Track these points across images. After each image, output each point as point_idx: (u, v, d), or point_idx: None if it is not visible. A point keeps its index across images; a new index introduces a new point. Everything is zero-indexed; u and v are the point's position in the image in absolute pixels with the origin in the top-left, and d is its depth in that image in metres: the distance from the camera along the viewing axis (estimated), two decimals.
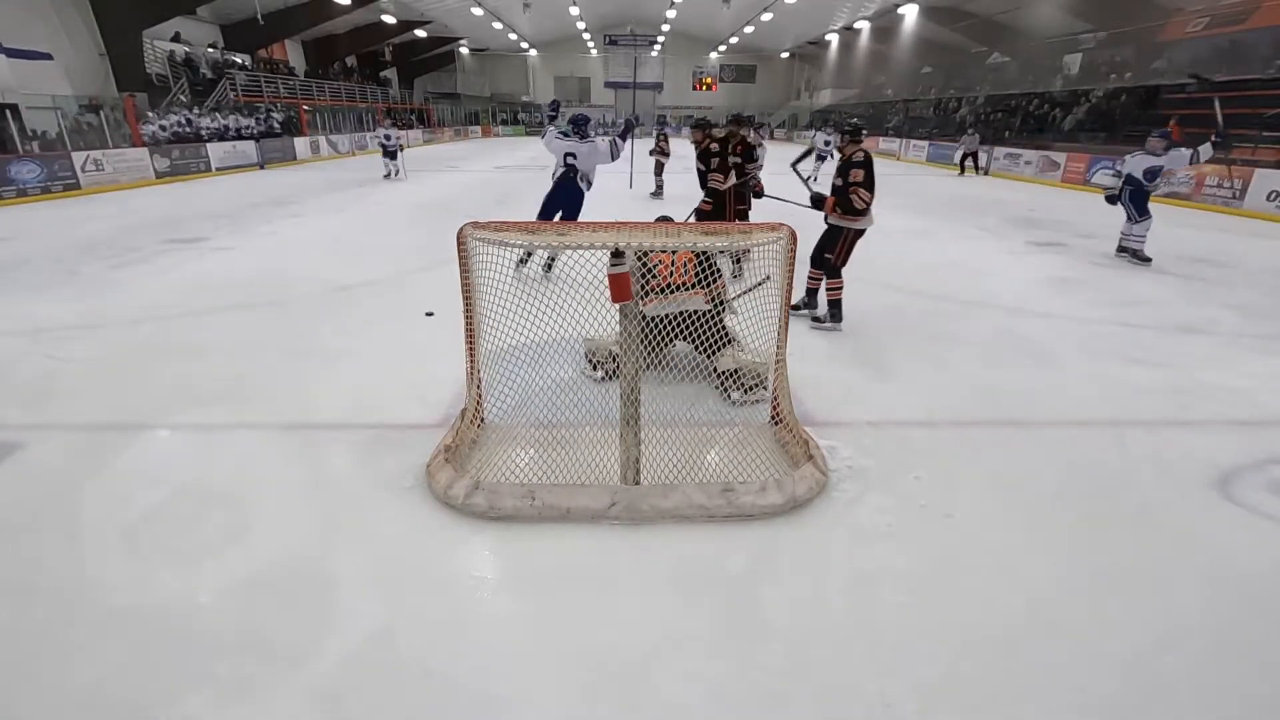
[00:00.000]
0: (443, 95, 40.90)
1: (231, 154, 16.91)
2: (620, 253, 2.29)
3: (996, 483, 2.75)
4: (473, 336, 2.79)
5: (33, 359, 4.05)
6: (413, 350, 4.20)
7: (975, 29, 26.01)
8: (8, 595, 2.08)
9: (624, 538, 2.38)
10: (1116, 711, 1.71)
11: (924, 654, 1.87)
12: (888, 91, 32.28)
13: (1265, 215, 10.19)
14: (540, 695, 1.74)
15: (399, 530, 2.40)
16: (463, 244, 2.64)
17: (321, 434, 3.13)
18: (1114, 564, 2.25)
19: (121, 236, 8.07)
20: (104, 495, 2.61)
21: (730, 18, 33.77)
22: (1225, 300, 5.52)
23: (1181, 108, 14.21)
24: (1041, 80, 21.42)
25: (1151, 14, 18.05)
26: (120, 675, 1.78)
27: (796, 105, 44.01)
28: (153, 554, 2.26)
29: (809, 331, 4.59)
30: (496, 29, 35.79)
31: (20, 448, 2.96)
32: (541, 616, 2.02)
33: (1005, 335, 4.65)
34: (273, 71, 24.16)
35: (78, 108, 14.33)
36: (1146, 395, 3.62)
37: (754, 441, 2.86)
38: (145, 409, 3.39)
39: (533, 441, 2.92)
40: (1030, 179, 16.22)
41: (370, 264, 6.65)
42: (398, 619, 1.98)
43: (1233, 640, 1.94)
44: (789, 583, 2.17)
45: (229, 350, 4.20)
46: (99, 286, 5.77)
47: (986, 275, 6.40)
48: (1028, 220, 9.94)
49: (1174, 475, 2.81)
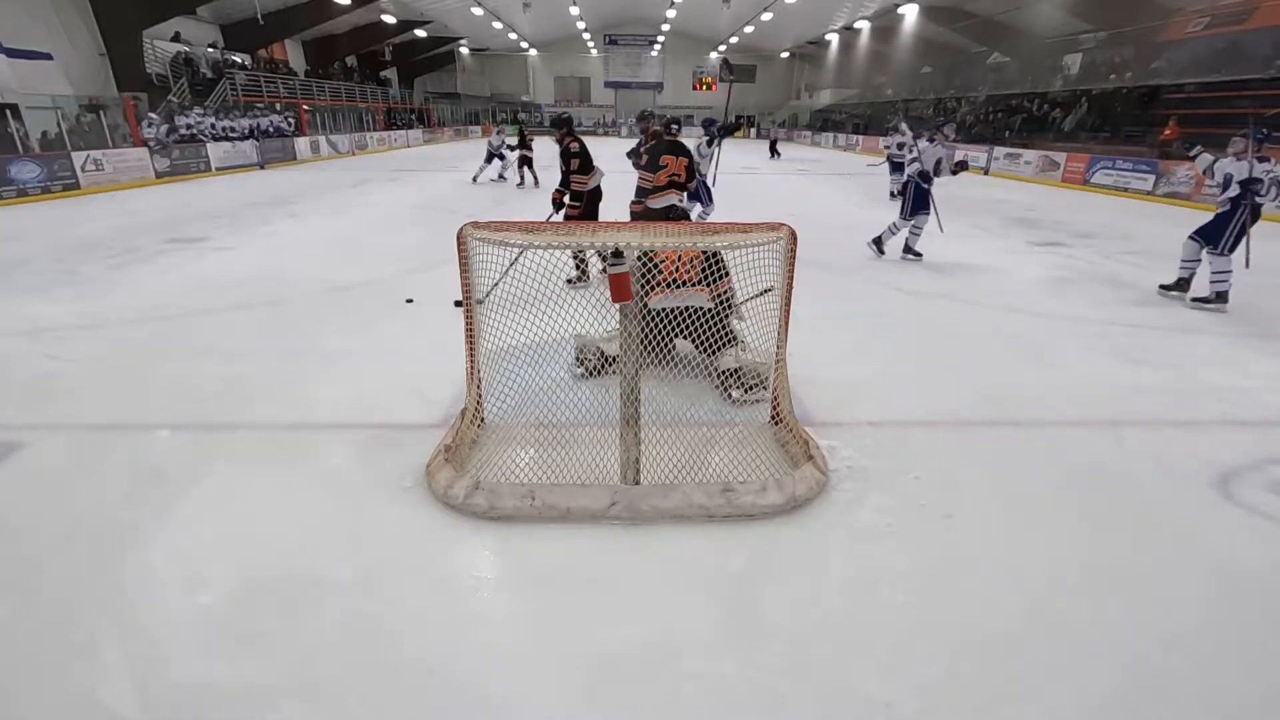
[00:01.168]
0: (443, 95, 40.90)
1: (231, 154, 16.91)
2: (620, 252, 2.29)
3: (996, 483, 2.75)
4: (473, 336, 2.79)
5: (33, 359, 4.05)
6: (413, 350, 4.20)
7: (975, 29, 26.01)
8: (8, 595, 2.08)
9: (624, 538, 2.38)
10: (1116, 711, 1.71)
11: (924, 654, 1.87)
12: (888, 91, 32.28)
13: (1265, 215, 10.16)
14: (540, 695, 1.74)
15: (399, 530, 2.40)
16: (463, 244, 2.64)
17: (321, 434, 3.13)
18: (1114, 564, 2.25)
19: (121, 236, 8.07)
20: (104, 495, 2.61)
21: (730, 18, 33.77)
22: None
23: (1181, 108, 14.22)
24: (1041, 80, 21.42)
25: (1151, 14, 18.05)
26: (120, 676, 1.78)
27: (796, 105, 44.01)
28: (152, 554, 2.26)
29: (809, 331, 4.58)
30: (496, 29, 35.78)
31: (20, 448, 2.96)
32: (541, 616, 2.02)
33: (1005, 335, 4.65)
34: (273, 71, 24.16)
35: (78, 108, 14.32)
36: (1146, 395, 3.62)
37: (754, 441, 2.86)
38: (145, 409, 3.39)
39: (533, 441, 2.92)
40: (1030, 179, 16.23)
41: (370, 264, 6.65)
42: (398, 619, 1.98)
43: (1233, 640, 1.94)
44: (789, 583, 2.17)
45: (229, 350, 4.20)
46: (99, 286, 5.77)
47: (987, 275, 6.39)
48: (1028, 220, 9.95)
49: (1174, 475, 2.81)
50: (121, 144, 14.11)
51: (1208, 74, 14.95)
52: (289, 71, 26.07)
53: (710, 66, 45.40)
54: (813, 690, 1.76)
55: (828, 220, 7.86)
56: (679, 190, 4.99)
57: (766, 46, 42.84)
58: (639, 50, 43.50)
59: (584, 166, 5.48)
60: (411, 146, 28.83)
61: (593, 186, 5.57)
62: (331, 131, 23.80)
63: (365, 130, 26.73)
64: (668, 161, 4.85)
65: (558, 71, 46.89)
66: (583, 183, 5.51)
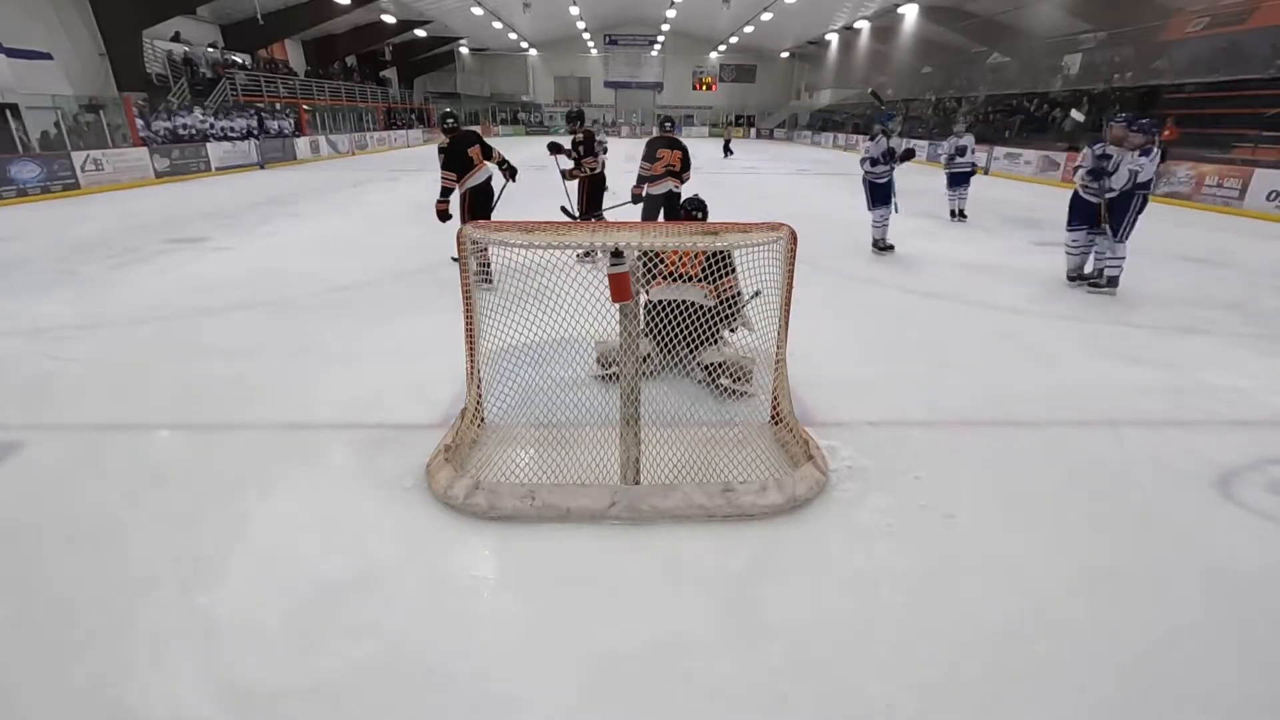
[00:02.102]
0: (443, 95, 40.89)
1: (231, 154, 16.92)
2: (620, 252, 2.29)
3: (996, 483, 2.75)
4: (473, 336, 2.79)
5: (33, 359, 4.05)
6: (413, 350, 4.20)
7: (975, 29, 25.99)
8: (8, 595, 2.08)
9: (624, 538, 2.38)
10: (1116, 711, 1.71)
11: (924, 654, 1.87)
12: (888, 91, 32.28)
13: (1265, 215, 10.18)
14: (540, 695, 1.74)
15: (399, 530, 2.40)
16: (463, 244, 2.64)
17: (321, 434, 3.13)
18: (1114, 564, 2.26)
19: (121, 236, 8.07)
20: (104, 495, 2.61)
21: (730, 18, 33.76)
22: (1225, 300, 5.52)
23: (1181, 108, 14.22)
24: (1041, 80, 21.42)
25: (1151, 14, 18.05)
26: (120, 676, 1.78)
27: (796, 105, 44.01)
28: (152, 554, 2.26)
29: (809, 331, 4.58)
30: (496, 29, 35.77)
31: (20, 448, 2.96)
32: (541, 616, 2.01)
33: (1005, 335, 4.65)
34: (273, 71, 24.16)
35: (78, 108, 14.32)
36: (1146, 395, 3.62)
37: (754, 441, 2.86)
38: (145, 409, 3.39)
39: (533, 441, 2.92)
40: (1030, 179, 16.22)
41: (370, 263, 6.65)
42: (398, 619, 1.98)
43: (1233, 640, 1.94)
44: (789, 583, 2.17)
45: (229, 350, 4.20)
46: (99, 286, 5.77)
47: (987, 275, 6.39)
48: (1028, 220, 9.94)
49: (1174, 475, 2.81)
50: (121, 144, 14.12)
51: (1207, 74, 14.95)
52: (289, 71, 26.07)
53: (710, 66, 45.42)
54: (813, 690, 1.76)
55: (828, 220, 7.87)
56: (676, 179, 6.25)
57: (766, 46, 42.82)
58: (639, 50, 43.50)
59: (589, 151, 6.53)
60: (411, 146, 28.83)
61: (599, 170, 6.68)
62: (331, 131, 23.80)
63: (365, 130, 26.73)
64: (664, 154, 6.16)
65: (558, 71, 46.88)
66: (591, 165, 6.59)
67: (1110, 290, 5.57)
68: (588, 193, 6.67)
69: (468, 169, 5.75)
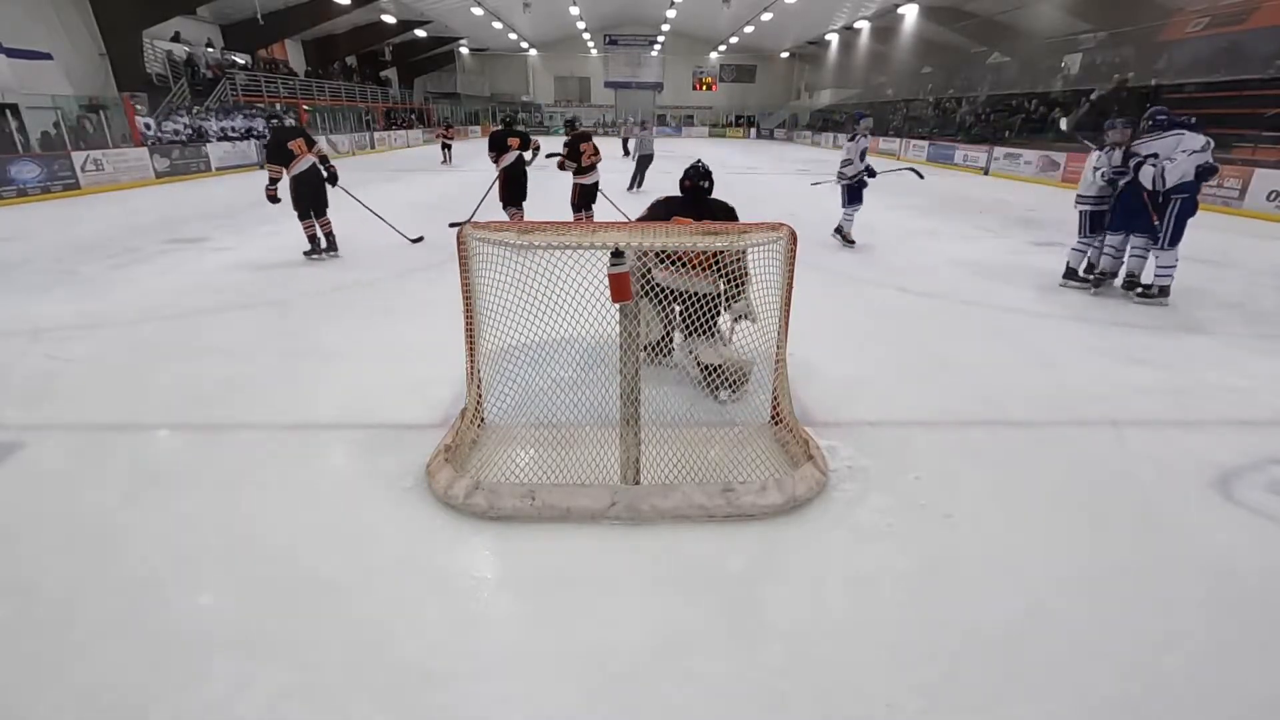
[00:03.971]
0: (443, 95, 40.90)
1: (231, 154, 16.91)
2: (620, 252, 2.29)
3: (996, 483, 2.75)
4: (473, 336, 2.79)
5: (33, 359, 4.05)
6: (413, 350, 4.20)
7: (975, 29, 26.00)
8: (8, 595, 2.08)
9: (624, 538, 2.38)
10: (1116, 711, 1.71)
11: (924, 654, 1.87)
12: (888, 91, 32.27)
13: (1265, 215, 10.18)
14: (540, 695, 1.74)
15: (399, 530, 2.40)
16: (463, 244, 2.64)
17: (321, 434, 3.13)
18: (1114, 564, 2.25)
19: (121, 236, 8.07)
20: (104, 495, 2.61)
21: (730, 18, 33.74)
22: (1225, 300, 5.52)
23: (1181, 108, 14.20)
24: (1041, 80, 21.42)
25: (1151, 14, 18.05)
26: (120, 676, 1.78)
27: (796, 105, 44.00)
28: (152, 554, 2.26)
29: (809, 332, 4.58)
30: (496, 29, 35.75)
31: (20, 448, 2.96)
32: (541, 616, 2.02)
33: (1005, 335, 4.65)
34: (273, 71, 24.16)
35: (78, 108, 14.32)
36: (1146, 395, 3.62)
37: (754, 441, 2.86)
38: (145, 409, 3.39)
39: (533, 441, 2.92)
40: (1030, 179, 16.22)
41: (370, 263, 6.65)
42: (397, 619, 1.98)
43: (1233, 640, 1.94)
44: (789, 583, 2.17)
45: (229, 350, 4.20)
46: (99, 286, 5.77)
47: (987, 275, 6.39)
48: (1029, 220, 9.94)
49: (1174, 475, 2.81)
50: (121, 144, 14.11)
51: (1207, 74, 14.95)
52: (289, 71, 26.07)
53: (710, 66, 45.42)
54: (813, 690, 1.76)
55: (828, 220, 7.87)
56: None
57: (766, 46, 42.83)
58: (639, 50, 43.48)
59: (572, 155, 7.51)
60: (411, 146, 28.82)
61: (588, 164, 7.60)
62: (331, 131, 23.79)
63: (365, 130, 26.73)
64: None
65: (558, 71, 46.86)
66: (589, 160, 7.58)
67: (1163, 300, 5.32)
68: (578, 193, 7.63)
69: (289, 159, 6.42)
